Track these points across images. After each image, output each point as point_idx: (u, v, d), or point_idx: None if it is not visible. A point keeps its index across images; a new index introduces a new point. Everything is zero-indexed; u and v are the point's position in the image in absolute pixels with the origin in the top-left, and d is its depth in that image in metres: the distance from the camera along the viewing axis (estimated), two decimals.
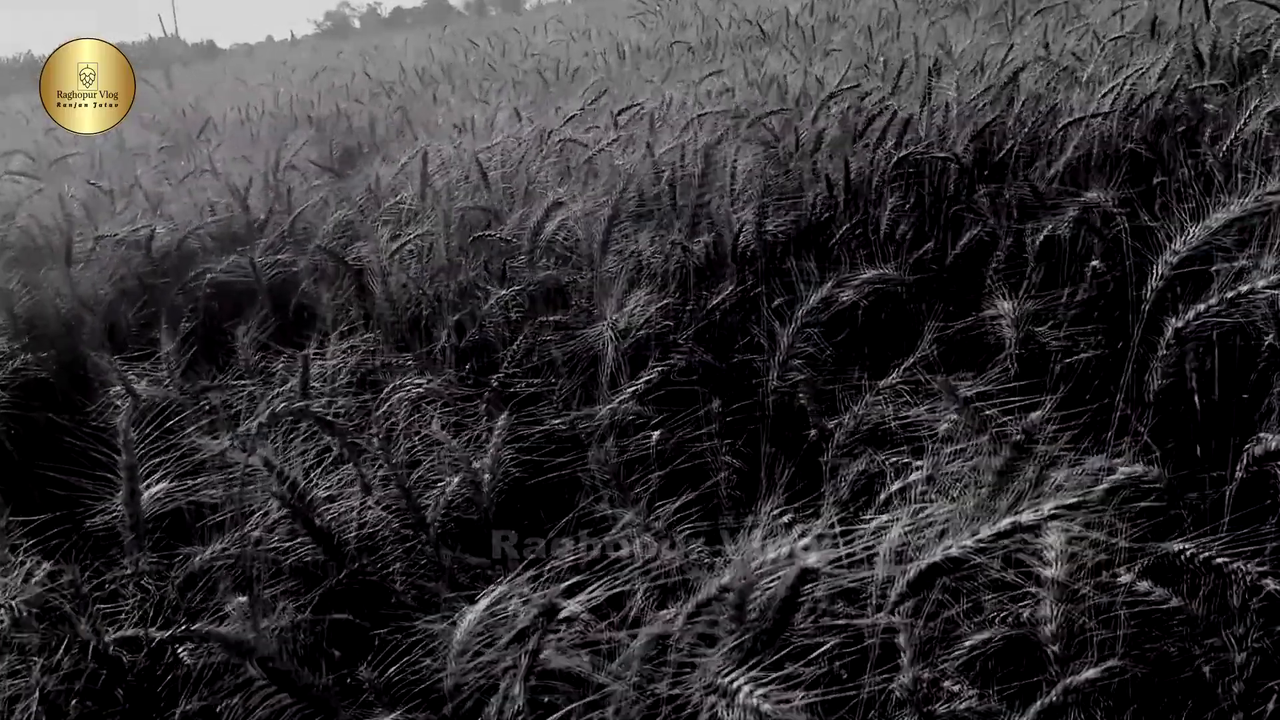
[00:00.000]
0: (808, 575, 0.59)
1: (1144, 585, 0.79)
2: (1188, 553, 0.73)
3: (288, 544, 1.20)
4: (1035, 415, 0.69)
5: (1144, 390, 0.94)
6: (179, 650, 1.24)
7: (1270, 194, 0.82)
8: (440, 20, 22.17)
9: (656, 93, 3.10)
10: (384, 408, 1.47)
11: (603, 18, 8.23)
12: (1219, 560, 0.72)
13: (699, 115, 2.61)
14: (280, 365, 1.55)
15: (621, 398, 1.10)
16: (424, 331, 1.96)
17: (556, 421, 1.14)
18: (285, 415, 1.10)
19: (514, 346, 1.81)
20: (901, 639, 0.66)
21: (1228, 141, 2.05)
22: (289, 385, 1.53)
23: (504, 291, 1.94)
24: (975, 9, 4.73)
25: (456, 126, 3.13)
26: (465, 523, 1.21)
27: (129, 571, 1.17)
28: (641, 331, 1.38)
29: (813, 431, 1.03)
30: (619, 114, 2.79)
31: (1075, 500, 0.60)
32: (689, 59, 4.77)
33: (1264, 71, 2.27)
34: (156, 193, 3.13)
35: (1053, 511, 0.59)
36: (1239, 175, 2.03)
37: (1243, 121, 1.94)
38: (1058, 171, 2.17)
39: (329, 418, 1.12)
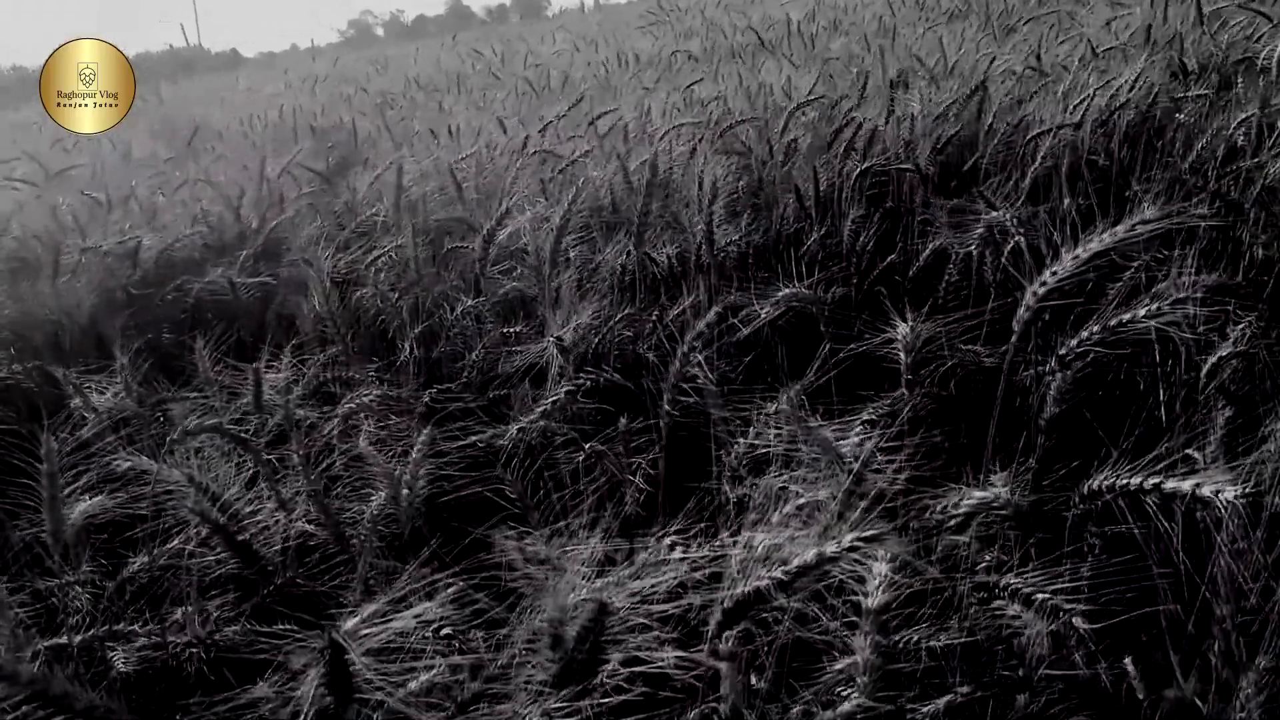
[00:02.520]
0: (605, 610, 0.60)
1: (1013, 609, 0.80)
2: (1013, 586, 0.73)
3: (214, 557, 1.22)
4: (870, 445, 0.70)
5: (1037, 414, 0.94)
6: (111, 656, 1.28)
7: (1144, 222, 0.82)
8: (462, 27, 22.32)
9: (645, 100, 3.11)
10: (328, 421, 1.49)
11: (614, 26, 8.26)
12: (1039, 595, 0.72)
13: (676, 126, 2.62)
14: (248, 377, 1.58)
15: (530, 417, 1.11)
16: (391, 343, 1.99)
17: (474, 438, 1.16)
18: (198, 432, 1.11)
19: (472, 357, 1.83)
20: (724, 669, 0.67)
21: (1194, 153, 2.04)
22: (246, 399, 1.57)
23: (470, 302, 1.96)
24: (975, 15, 4.73)
25: (435, 135, 3.16)
26: (392, 535, 1.23)
27: (56, 582, 1.19)
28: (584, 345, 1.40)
29: (720, 453, 1.03)
30: (602, 129, 2.80)
31: (874, 533, 0.60)
32: (690, 66, 4.77)
33: (1239, 81, 2.26)
34: (152, 203, 3.18)
35: (851, 543, 0.60)
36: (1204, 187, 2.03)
37: (1208, 137, 1.94)
38: (1026, 183, 2.16)
39: (242, 435, 1.14)
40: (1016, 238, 1.28)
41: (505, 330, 1.82)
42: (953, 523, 0.79)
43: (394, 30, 31.94)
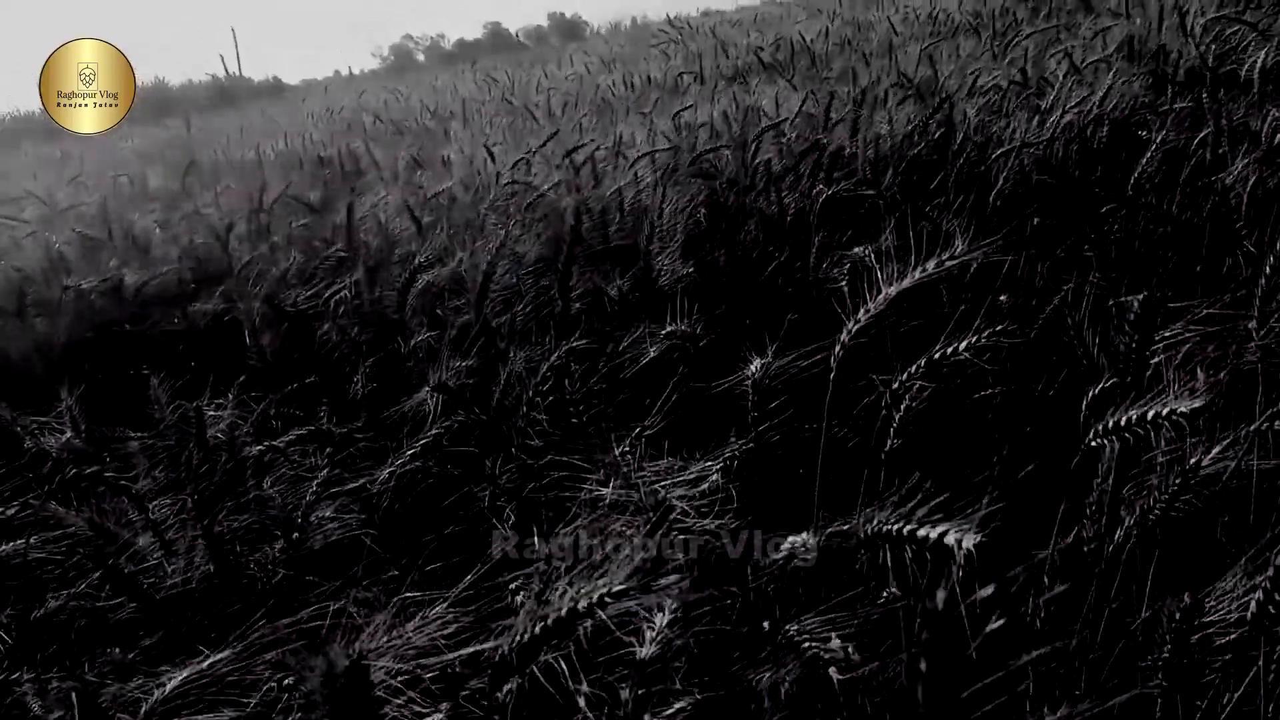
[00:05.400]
0: (359, 667, 0.60)
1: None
2: (789, 632, 0.72)
3: (116, 601, 1.23)
4: (663, 493, 0.69)
5: (877, 449, 0.93)
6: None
7: (951, 259, 0.81)
8: (502, 50, 22.54)
9: (628, 130, 3.12)
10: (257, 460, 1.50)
11: (638, 47, 8.30)
12: (806, 644, 0.70)
13: (648, 153, 2.62)
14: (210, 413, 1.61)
15: (400, 460, 1.11)
16: (347, 377, 2.00)
17: (364, 480, 1.16)
18: (82, 479, 1.13)
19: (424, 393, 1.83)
20: None
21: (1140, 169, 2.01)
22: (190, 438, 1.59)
23: (421, 336, 1.98)
24: (984, 29, 4.70)
25: (419, 164, 3.18)
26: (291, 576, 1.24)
27: None
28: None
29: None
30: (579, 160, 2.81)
31: (623, 586, 0.60)
32: (697, 88, 4.78)
33: (1204, 94, 2.21)
34: (148, 238, 3.24)
35: (599, 600, 0.59)
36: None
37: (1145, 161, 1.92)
38: (994, 202, 2.14)
39: (122, 483, 1.15)
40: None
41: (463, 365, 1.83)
42: (773, 568, 0.78)
43: (435, 55, 32.25)
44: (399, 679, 0.68)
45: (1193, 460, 0.77)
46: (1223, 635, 0.66)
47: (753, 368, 0.94)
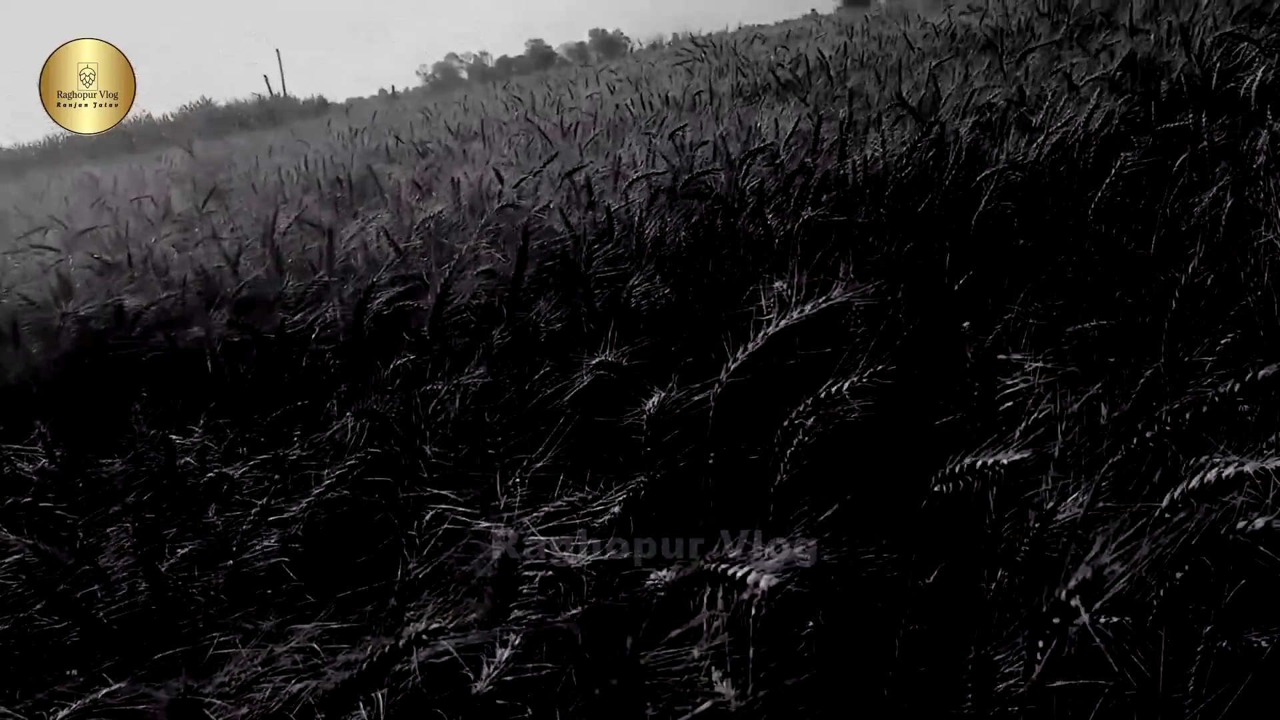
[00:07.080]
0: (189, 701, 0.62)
1: None
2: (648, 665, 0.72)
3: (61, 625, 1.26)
4: (510, 532, 0.70)
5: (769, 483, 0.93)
6: None
7: (826, 302, 0.82)
8: (543, 66, 22.72)
9: (626, 151, 3.14)
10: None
11: (668, 64, 8.33)
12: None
13: (644, 175, 2.64)
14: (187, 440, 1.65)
15: (318, 490, 1.13)
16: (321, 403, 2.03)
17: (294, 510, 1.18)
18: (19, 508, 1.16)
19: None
20: None
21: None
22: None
23: (401, 360, 2.00)
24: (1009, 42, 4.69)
25: (419, 186, 3.22)
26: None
27: None
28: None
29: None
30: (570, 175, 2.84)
31: (437, 626, 0.61)
32: (716, 107, 4.80)
33: (1189, 114, 2.19)
34: (165, 262, 3.30)
35: (415, 638, 0.60)
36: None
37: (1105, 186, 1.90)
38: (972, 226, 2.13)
39: (57, 512, 1.18)
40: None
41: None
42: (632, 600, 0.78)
43: (477, 72, 32.55)
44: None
45: (1049, 505, 0.76)
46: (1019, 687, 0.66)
47: (650, 403, 0.94)
